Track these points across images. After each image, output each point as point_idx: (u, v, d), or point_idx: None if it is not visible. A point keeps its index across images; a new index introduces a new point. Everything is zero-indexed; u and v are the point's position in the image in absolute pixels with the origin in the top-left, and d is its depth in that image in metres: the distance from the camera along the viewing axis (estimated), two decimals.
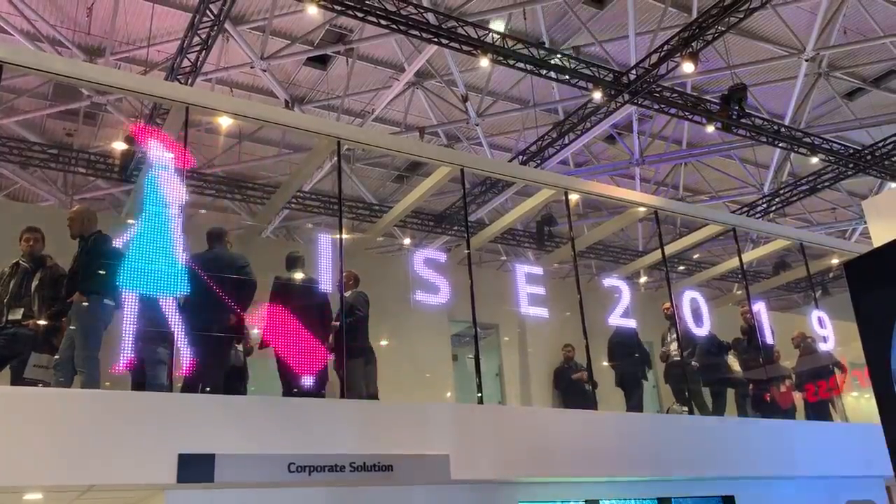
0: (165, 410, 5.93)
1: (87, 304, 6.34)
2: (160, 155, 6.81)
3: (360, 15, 10.36)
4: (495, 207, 16.16)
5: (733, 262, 12.59)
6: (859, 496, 9.77)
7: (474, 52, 11.25)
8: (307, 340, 7.00)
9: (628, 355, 10.30)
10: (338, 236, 7.62)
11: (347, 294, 7.94)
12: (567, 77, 12.06)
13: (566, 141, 14.07)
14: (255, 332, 7.95)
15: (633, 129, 15.67)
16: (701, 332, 10.06)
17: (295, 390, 6.96)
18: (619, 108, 13.09)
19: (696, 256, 16.67)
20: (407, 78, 13.58)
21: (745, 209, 17.46)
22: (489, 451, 7.30)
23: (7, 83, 6.64)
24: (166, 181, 6.70)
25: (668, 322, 10.47)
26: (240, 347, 7.76)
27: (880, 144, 14.74)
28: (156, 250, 6.37)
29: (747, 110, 13.56)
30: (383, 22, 10.50)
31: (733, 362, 10.89)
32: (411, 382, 9.97)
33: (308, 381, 6.93)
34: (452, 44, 11.11)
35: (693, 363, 10.14)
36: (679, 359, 10.04)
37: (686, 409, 9.82)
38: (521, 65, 11.71)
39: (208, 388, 6.80)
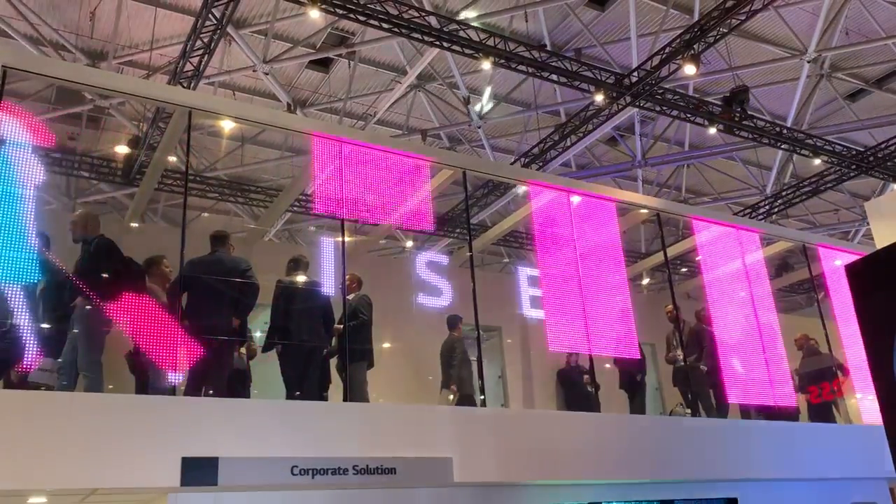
0: (169, 414, 5.95)
1: (89, 307, 6.36)
2: (13, 130, 6.22)
3: (361, 18, 10.38)
4: (497, 210, 16.17)
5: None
6: (863, 498, 9.75)
7: (476, 55, 11.27)
8: (172, 330, 6.45)
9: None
10: (340, 239, 7.64)
11: (350, 297, 7.95)
12: (568, 79, 12.08)
13: (568, 143, 14.08)
14: (258, 335, 7.98)
15: (635, 130, 15.67)
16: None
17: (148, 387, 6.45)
18: (620, 111, 13.09)
19: (699, 258, 16.64)
20: (409, 81, 13.60)
21: (748, 211, 17.46)
22: (492, 453, 7.30)
23: (10, 87, 6.66)
24: (20, 159, 6.09)
25: (671, 325, 10.47)
26: (242, 350, 7.77)
27: (883, 146, 14.73)
28: (5, 234, 5.78)
29: (749, 112, 13.56)
30: (385, 25, 10.52)
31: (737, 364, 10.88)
32: (414, 385, 9.98)
33: (171, 377, 6.35)
34: (454, 47, 11.13)
35: (702, 367, 10.12)
36: (684, 363, 10.05)
37: (689, 411, 9.82)
38: (522, 67, 11.73)
39: (211, 392, 6.83)
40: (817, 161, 14.97)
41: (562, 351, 9.06)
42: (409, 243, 16.41)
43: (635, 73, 12.20)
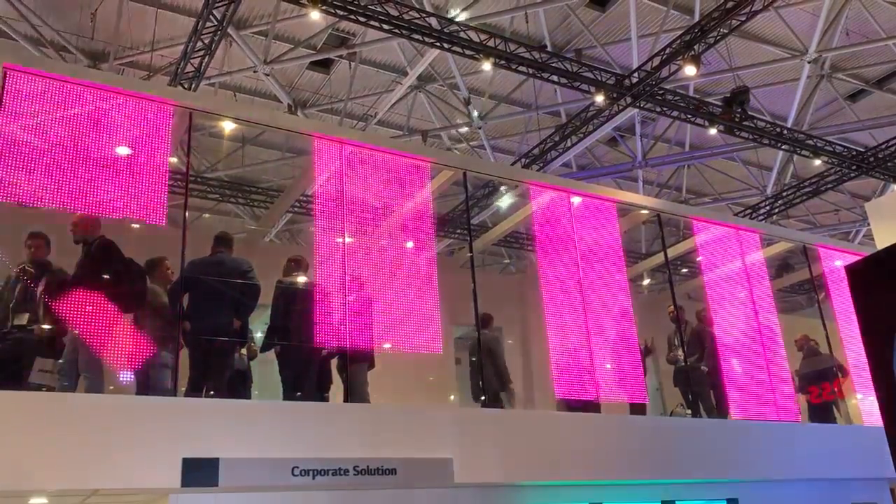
0: (170, 414, 5.96)
1: (90, 308, 6.36)
2: None
3: (362, 19, 10.39)
4: (497, 210, 16.18)
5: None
6: (863, 499, 9.75)
7: (476, 55, 11.28)
8: (123, 327, 6.32)
9: None
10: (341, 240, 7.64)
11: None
12: (568, 80, 12.08)
13: (569, 144, 14.09)
14: (259, 335, 7.99)
15: (635, 131, 15.68)
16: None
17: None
18: (621, 111, 13.10)
19: (699, 259, 16.66)
20: (409, 82, 13.61)
21: (749, 211, 17.45)
22: (492, 454, 7.31)
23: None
24: None
25: (672, 325, 10.46)
26: (243, 351, 7.78)
27: (883, 146, 14.74)
28: None
29: (750, 112, 13.56)
30: (385, 26, 10.53)
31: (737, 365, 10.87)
32: (414, 386, 9.98)
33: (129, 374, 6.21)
34: (454, 48, 11.14)
35: (703, 367, 10.12)
36: (685, 364, 10.04)
37: (689, 411, 9.82)
38: (522, 68, 11.73)
39: (212, 392, 6.84)
40: (818, 161, 14.98)
41: (570, 399, 8.69)
42: (410, 244, 16.43)
43: (636, 74, 12.21)
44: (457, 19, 11.63)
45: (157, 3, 11.70)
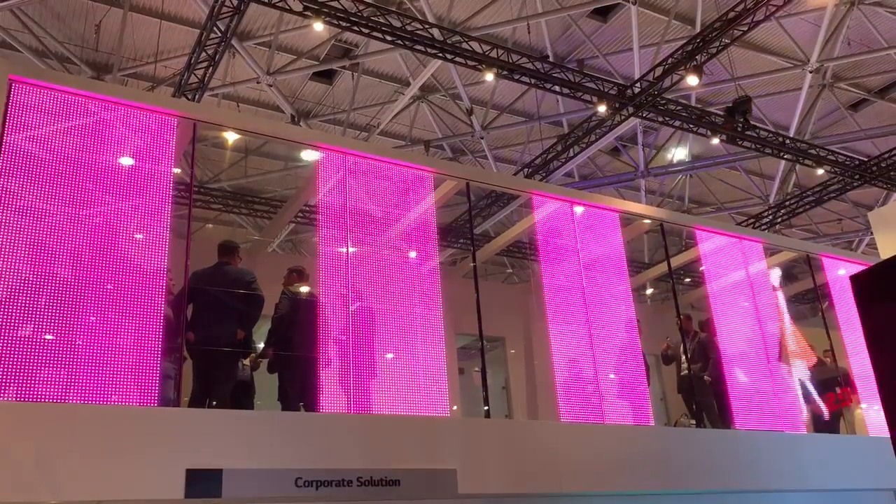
0: (173, 425, 5.94)
1: (94, 318, 6.37)
2: None
3: (365, 31, 10.44)
4: (500, 220, 16.19)
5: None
6: None
7: (479, 66, 11.31)
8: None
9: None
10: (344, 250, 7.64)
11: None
12: (570, 90, 12.12)
13: (571, 154, 14.11)
14: (260, 346, 7.98)
15: (637, 141, 15.70)
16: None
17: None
18: (623, 121, 13.12)
19: (702, 268, 16.63)
20: (412, 92, 13.65)
21: (752, 221, 17.45)
22: (496, 465, 7.28)
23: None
24: None
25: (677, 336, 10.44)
26: (246, 362, 7.76)
27: (886, 155, 14.74)
28: None
29: (752, 122, 13.58)
30: (388, 38, 10.58)
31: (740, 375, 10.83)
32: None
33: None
34: (457, 58, 11.18)
35: (706, 378, 10.09)
36: (687, 372, 10.02)
37: (694, 422, 9.78)
38: (525, 79, 11.77)
39: (215, 403, 6.83)
40: (820, 171, 14.98)
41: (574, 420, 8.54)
42: (413, 254, 16.42)
43: (638, 84, 12.24)
44: (469, 27, 11.66)
45: (160, 14, 11.77)
